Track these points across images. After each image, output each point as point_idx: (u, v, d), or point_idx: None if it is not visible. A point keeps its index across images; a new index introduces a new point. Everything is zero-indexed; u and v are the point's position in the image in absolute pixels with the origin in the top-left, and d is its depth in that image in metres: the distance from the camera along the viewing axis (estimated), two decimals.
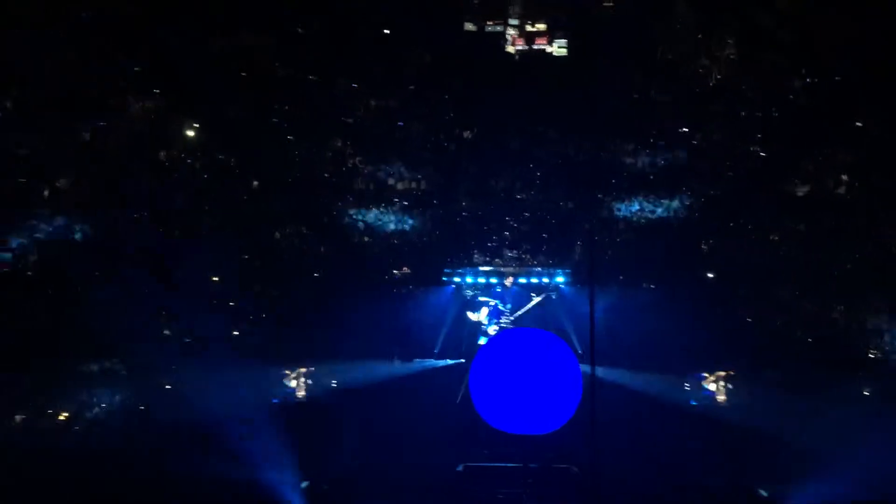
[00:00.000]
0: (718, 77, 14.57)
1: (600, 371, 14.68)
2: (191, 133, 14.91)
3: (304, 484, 14.18)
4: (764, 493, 13.70)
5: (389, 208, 15.98)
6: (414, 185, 15.87)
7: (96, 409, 14.63)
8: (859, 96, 14.22)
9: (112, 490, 12.93)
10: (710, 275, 15.73)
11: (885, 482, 12.55)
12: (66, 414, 14.46)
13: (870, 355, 14.76)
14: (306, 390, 15.82)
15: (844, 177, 14.70)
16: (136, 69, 13.97)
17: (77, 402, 14.47)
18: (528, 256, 16.50)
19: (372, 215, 16.02)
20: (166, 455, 13.58)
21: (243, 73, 14.69)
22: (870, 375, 14.57)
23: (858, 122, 14.46)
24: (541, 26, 14.86)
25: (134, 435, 14.16)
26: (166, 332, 14.76)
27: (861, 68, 13.99)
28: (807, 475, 13.21)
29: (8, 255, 13.62)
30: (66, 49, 13.56)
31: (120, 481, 13.11)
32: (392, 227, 16.16)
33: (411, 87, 15.27)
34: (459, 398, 15.52)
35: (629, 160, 15.42)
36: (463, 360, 16.42)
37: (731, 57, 14.48)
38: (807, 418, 13.81)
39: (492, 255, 16.59)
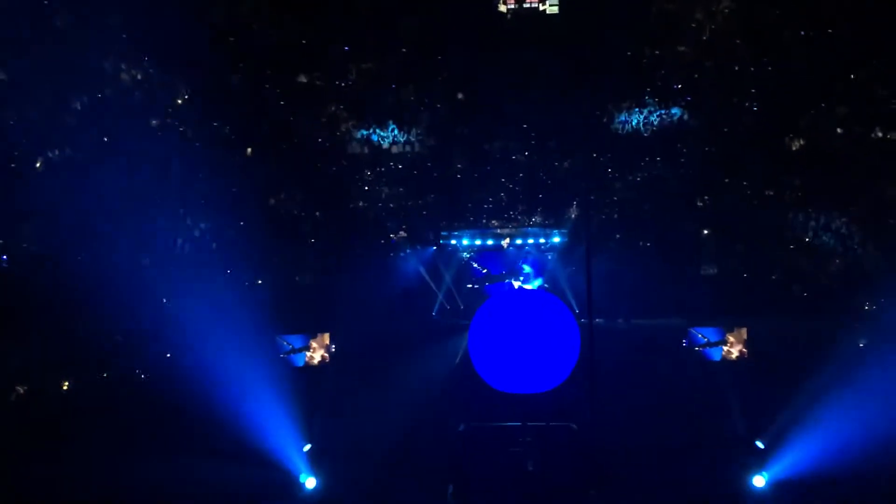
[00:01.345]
0: (712, 30, 14.49)
1: (597, 329, 14.78)
2: (182, 100, 14.85)
3: (306, 447, 14.33)
4: (761, 445, 13.85)
5: (384, 172, 15.95)
6: (408, 148, 15.83)
7: (94, 379, 14.69)
8: (855, 49, 14.15)
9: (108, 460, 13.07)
10: (706, 231, 15.75)
11: (879, 434, 12.70)
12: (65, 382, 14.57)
13: (865, 308, 14.86)
14: (305, 355, 15.89)
15: (839, 130, 14.67)
16: (124, 36, 13.90)
17: (78, 366, 14.54)
18: (525, 217, 16.50)
19: (367, 179, 15.99)
20: (167, 419, 13.68)
21: (231, 39, 14.62)
22: (865, 328, 14.66)
23: (854, 75, 14.41)
24: None
25: (131, 403, 14.22)
26: (164, 299, 14.75)
27: (857, 21, 13.92)
28: (803, 427, 13.38)
29: None
30: (59, 16, 13.49)
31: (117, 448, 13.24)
32: (387, 190, 16.14)
33: (403, 50, 15.17)
34: (458, 359, 15.61)
35: (624, 118, 15.37)
36: (461, 322, 16.48)
37: (725, 10, 14.40)
38: (803, 371, 13.92)
39: (488, 217, 16.58)
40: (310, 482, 13.64)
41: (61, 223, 13.75)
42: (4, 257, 14.01)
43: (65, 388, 14.56)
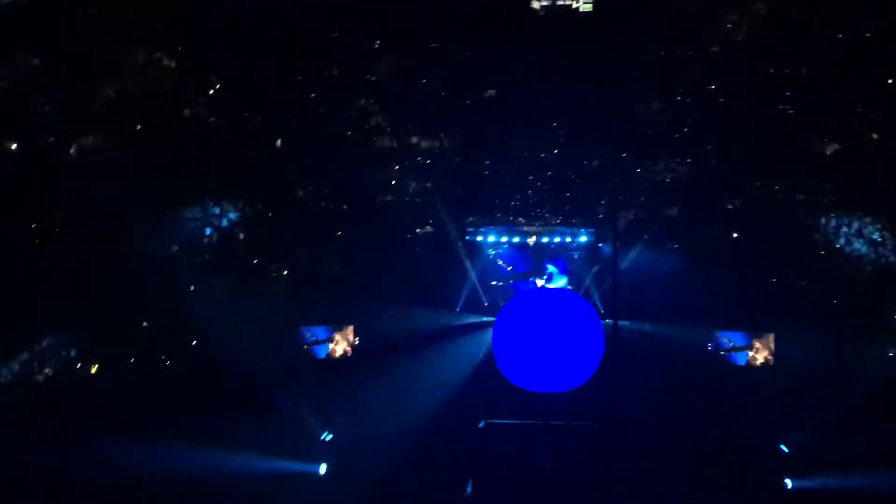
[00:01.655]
0: (746, 32, 14.33)
1: (622, 330, 14.74)
2: (213, 91, 14.93)
3: (327, 437, 14.42)
4: (786, 450, 13.76)
5: (412, 166, 15.94)
6: (436, 143, 15.81)
7: (125, 362, 14.84)
8: (890, 52, 13.94)
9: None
10: (735, 234, 15.62)
11: None
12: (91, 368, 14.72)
13: (894, 316, 14.68)
14: (328, 346, 15.98)
15: (874, 135, 14.47)
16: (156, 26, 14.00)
17: (104, 353, 14.69)
18: (551, 215, 16.44)
19: (394, 174, 15.99)
20: (189, 407, 13.80)
21: (261, 30, 14.67)
22: (894, 337, 14.49)
23: (889, 79, 14.20)
24: None
25: (154, 391, 14.35)
26: (190, 288, 14.87)
27: (893, 23, 13.71)
28: (828, 434, 13.26)
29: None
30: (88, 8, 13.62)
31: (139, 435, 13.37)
32: (414, 185, 16.14)
33: (434, 45, 15.15)
34: (482, 356, 15.60)
35: (654, 119, 15.25)
36: (485, 319, 16.47)
37: (761, 12, 14.23)
38: (829, 378, 13.79)
39: (515, 214, 16.53)
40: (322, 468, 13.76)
41: (89, 210, 13.91)
42: (37, 241, 14.20)
43: (91, 374, 14.73)
